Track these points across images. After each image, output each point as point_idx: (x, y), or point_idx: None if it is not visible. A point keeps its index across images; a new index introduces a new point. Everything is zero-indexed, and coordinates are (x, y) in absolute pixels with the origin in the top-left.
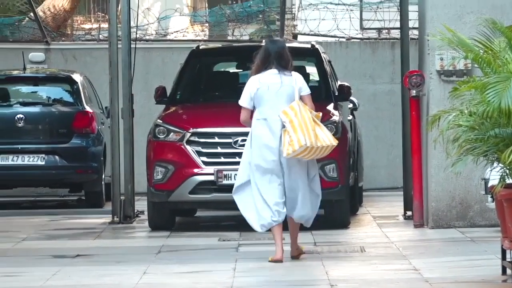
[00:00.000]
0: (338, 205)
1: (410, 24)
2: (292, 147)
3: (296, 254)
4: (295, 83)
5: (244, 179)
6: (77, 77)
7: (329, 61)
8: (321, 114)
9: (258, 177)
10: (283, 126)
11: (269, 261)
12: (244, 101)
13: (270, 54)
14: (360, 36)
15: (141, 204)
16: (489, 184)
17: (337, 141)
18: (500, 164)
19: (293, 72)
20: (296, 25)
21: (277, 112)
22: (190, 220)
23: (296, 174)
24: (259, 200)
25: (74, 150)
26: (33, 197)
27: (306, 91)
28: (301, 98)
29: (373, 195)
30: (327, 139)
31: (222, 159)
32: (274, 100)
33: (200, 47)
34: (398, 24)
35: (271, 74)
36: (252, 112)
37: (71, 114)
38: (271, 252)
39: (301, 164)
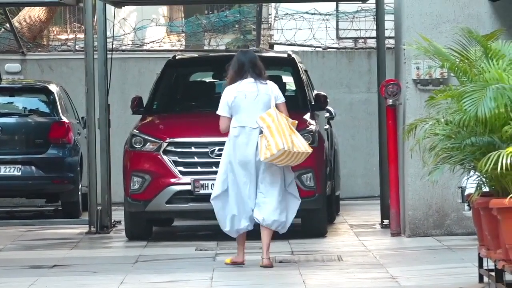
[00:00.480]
0: (315, 214)
1: (387, 34)
2: (270, 151)
3: (266, 264)
4: (271, 92)
5: (223, 188)
6: (53, 88)
7: (306, 71)
8: (296, 122)
9: (235, 184)
10: (261, 132)
11: (226, 263)
12: (222, 110)
13: (244, 64)
14: (336, 45)
15: (118, 214)
16: (466, 193)
17: (311, 149)
18: (476, 173)
19: (268, 81)
20: (273, 35)
21: (254, 120)
22: (167, 229)
23: (272, 180)
24: (234, 208)
25: (51, 161)
26: (10, 208)
27: (282, 99)
28: (276, 106)
29: (350, 204)
30: (302, 146)
31: (199, 169)
32: (252, 108)
33: (177, 57)
34: (374, 34)
35: (248, 83)
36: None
37: (48, 124)
38: (249, 261)
39: (276, 170)
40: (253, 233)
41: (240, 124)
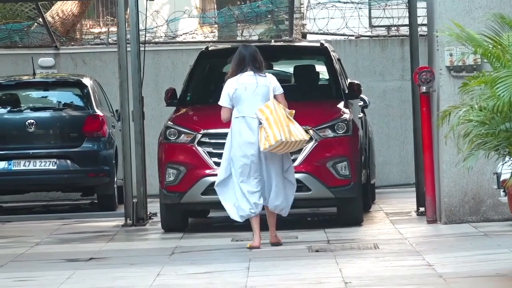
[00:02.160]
0: (351, 203)
1: (419, 21)
2: (269, 142)
3: (275, 241)
4: (269, 83)
5: (227, 174)
6: (87, 81)
7: (339, 60)
8: (294, 111)
9: (238, 171)
10: (260, 123)
11: (248, 247)
12: (224, 101)
13: (244, 57)
14: (369, 33)
15: (153, 206)
16: (501, 178)
17: (309, 136)
18: (511, 158)
19: (267, 74)
20: (305, 24)
21: (254, 110)
22: (203, 221)
23: (271, 167)
24: (239, 193)
25: (86, 154)
26: (46, 202)
27: (280, 90)
28: (275, 97)
29: (385, 192)
30: (299, 134)
31: None
32: (251, 99)
33: (209, 48)
34: (407, 21)
35: (248, 75)
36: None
37: (82, 118)
38: (284, 251)
39: (276, 157)
40: (288, 223)
41: (241, 115)
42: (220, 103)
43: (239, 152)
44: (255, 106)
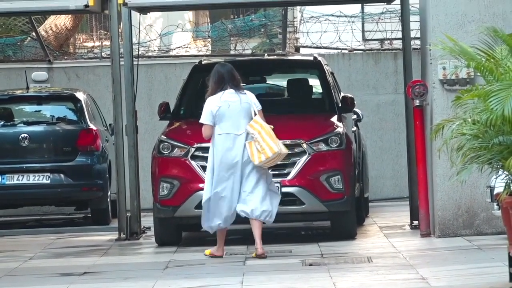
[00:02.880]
0: (344, 216)
1: (412, 34)
2: (265, 154)
3: (261, 253)
4: (250, 100)
5: (212, 192)
6: (80, 95)
7: (332, 73)
8: (273, 126)
9: (217, 185)
10: (247, 138)
11: (206, 255)
12: (206, 119)
13: (223, 76)
14: (362, 47)
15: (147, 220)
16: (495, 192)
17: (288, 150)
18: (505, 172)
19: (246, 91)
20: (298, 38)
21: (239, 127)
22: (197, 235)
23: (257, 179)
24: (214, 206)
25: (79, 168)
26: (39, 216)
27: (259, 106)
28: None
29: (379, 206)
30: (284, 148)
31: None
32: (236, 116)
33: (203, 62)
34: (400, 35)
35: (230, 93)
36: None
37: (75, 132)
38: (278, 265)
39: (260, 170)
40: (282, 236)
41: (225, 132)
42: (202, 121)
43: (222, 167)
44: (239, 123)
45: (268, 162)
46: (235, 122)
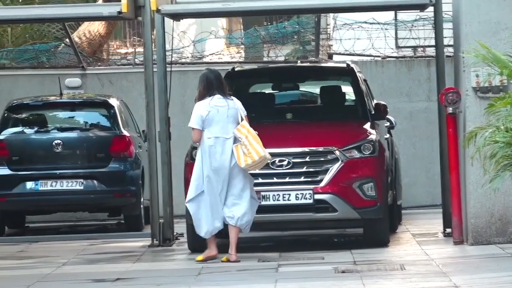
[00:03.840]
0: (377, 224)
1: (445, 42)
2: (251, 158)
3: (235, 259)
4: (237, 106)
5: (196, 193)
6: (113, 102)
7: (365, 80)
8: (256, 132)
9: (210, 189)
10: (235, 142)
11: (198, 260)
12: (196, 123)
13: (212, 82)
14: (395, 54)
15: (180, 227)
16: None
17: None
18: None
19: (232, 97)
20: (331, 45)
21: (227, 131)
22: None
23: (243, 184)
24: (213, 210)
25: (112, 174)
26: (73, 222)
27: (244, 112)
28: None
29: (412, 213)
30: (268, 154)
31: (260, 180)
32: (224, 121)
33: (236, 69)
34: (433, 42)
35: (218, 98)
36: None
37: (109, 138)
38: (310, 272)
39: (246, 176)
40: (314, 243)
41: (214, 135)
42: (191, 125)
43: (211, 171)
44: (227, 127)
45: (253, 166)
46: (223, 126)
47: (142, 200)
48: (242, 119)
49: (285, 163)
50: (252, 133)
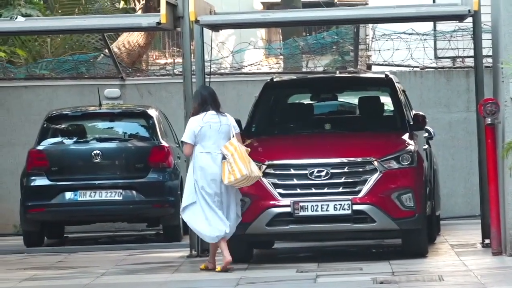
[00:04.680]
0: (416, 234)
1: (484, 52)
2: (234, 175)
3: (230, 259)
4: (229, 122)
5: (190, 201)
6: (152, 112)
7: (404, 91)
8: (249, 149)
9: (208, 199)
10: (223, 158)
11: (218, 271)
12: (188, 138)
13: (206, 98)
14: (434, 65)
15: None
16: None
17: (261, 173)
18: None
19: (226, 113)
20: (370, 56)
21: (218, 147)
22: (268, 252)
23: (230, 199)
24: (211, 215)
25: (151, 185)
26: (111, 232)
27: (237, 129)
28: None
29: (450, 224)
30: (256, 171)
31: (298, 191)
32: (216, 136)
33: (274, 79)
34: (472, 53)
35: (211, 115)
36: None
37: (147, 149)
38: (349, 283)
39: (233, 191)
40: (353, 254)
41: (206, 150)
42: (183, 139)
43: (206, 184)
44: (219, 143)
45: (237, 183)
46: (215, 142)
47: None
48: (233, 136)
49: (323, 173)
50: (239, 151)
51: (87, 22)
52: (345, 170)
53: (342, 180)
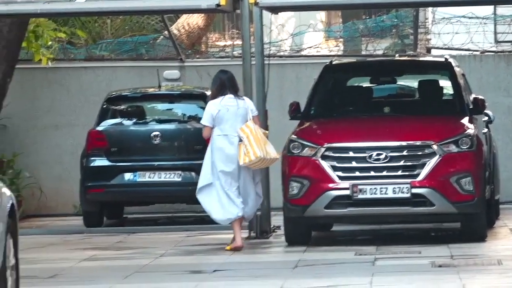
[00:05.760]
0: (475, 218)
1: None
2: (249, 157)
3: (242, 245)
4: (247, 106)
5: (206, 182)
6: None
7: (463, 75)
8: (268, 132)
9: (223, 180)
10: (240, 140)
11: (227, 249)
12: (206, 121)
13: (225, 82)
14: (494, 49)
15: (277, 219)
16: None
17: (279, 155)
18: None
19: (244, 97)
20: (430, 39)
21: (236, 129)
22: (326, 234)
23: (247, 180)
24: (225, 199)
25: None
26: (170, 214)
27: (255, 112)
28: (252, 118)
29: (510, 208)
30: (273, 153)
31: (357, 174)
32: (233, 119)
33: (333, 63)
34: None
35: (229, 98)
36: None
37: None
38: (407, 266)
39: (250, 172)
40: (411, 237)
41: (223, 133)
42: (202, 122)
43: (222, 165)
44: (236, 126)
45: (252, 164)
46: (233, 125)
47: None
48: (251, 119)
49: (382, 156)
50: (254, 134)
51: (147, 3)
52: (404, 153)
53: (401, 163)
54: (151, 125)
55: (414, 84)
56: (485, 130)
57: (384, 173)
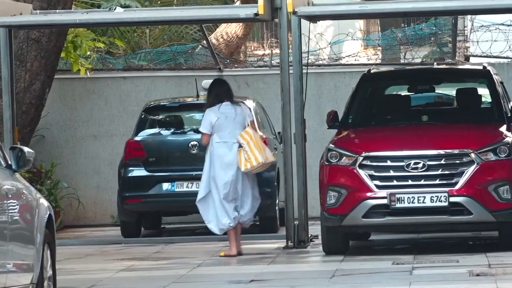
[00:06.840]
0: None
1: None
2: (250, 163)
3: (239, 250)
4: (244, 112)
5: (206, 191)
6: (249, 103)
7: (501, 83)
8: (265, 136)
9: (221, 189)
10: (240, 147)
11: (221, 256)
12: (206, 128)
13: (221, 90)
14: None
15: (315, 229)
16: None
17: (276, 158)
18: None
19: (240, 103)
20: (468, 47)
21: (234, 136)
22: (364, 243)
23: (245, 184)
24: (220, 209)
25: None
26: None
27: (252, 117)
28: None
29: None
30: (271, 157)
31: (395, 182)
32: (231, 126)
33: (372, 71)
34: None
35: (226, 106)
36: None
37: None
38: (445, 275)
39: (248, 177)
40: (449, 246)
41: (222, 140)
42: (201, 130)
43: (221, 172)
44: (234, 132)
45: (253, 170)
46: (231, 132)
47: (277, 201)
48: (248, 125)
49: (420, 165)
50: (254, 139)
51: (186, 13)
52: (442, 162)
53: (439, 172)
54: (189, 135)
55: (452, 92)
56: None
57: (422, 182)
